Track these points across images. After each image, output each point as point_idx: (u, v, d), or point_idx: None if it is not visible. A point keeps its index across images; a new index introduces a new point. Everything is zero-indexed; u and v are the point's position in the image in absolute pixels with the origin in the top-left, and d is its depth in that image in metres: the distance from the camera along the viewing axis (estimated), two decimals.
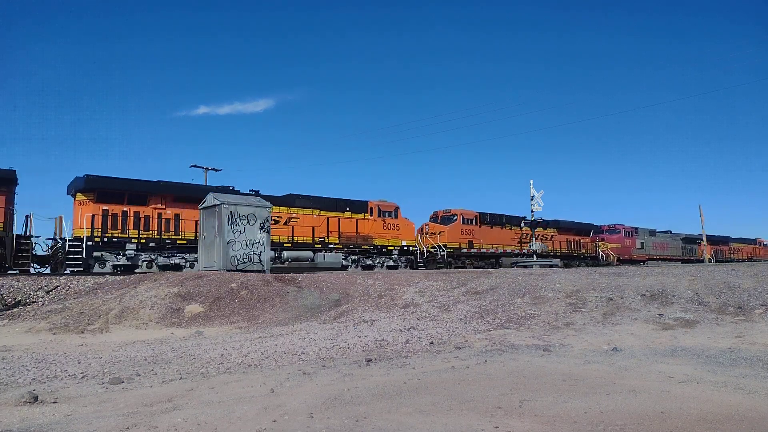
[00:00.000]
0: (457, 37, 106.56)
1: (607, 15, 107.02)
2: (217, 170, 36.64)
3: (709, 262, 43.13)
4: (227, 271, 15.82)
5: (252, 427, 4.24)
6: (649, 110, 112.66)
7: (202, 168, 36.17)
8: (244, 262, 16.73)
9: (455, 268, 26.47)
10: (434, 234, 27.57)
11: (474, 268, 26.60)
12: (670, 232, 45.58)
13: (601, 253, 37.07)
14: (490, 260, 29.98)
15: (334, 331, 9.71)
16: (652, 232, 42.62)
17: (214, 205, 16.94)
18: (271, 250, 18.71)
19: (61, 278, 15.09)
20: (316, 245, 23.35)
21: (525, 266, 28.34)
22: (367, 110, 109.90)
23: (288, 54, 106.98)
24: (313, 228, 23.47)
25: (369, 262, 25.08)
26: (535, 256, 31.25)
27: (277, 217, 22.06)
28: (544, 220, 34.18)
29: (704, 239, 42.86)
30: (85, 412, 4.81)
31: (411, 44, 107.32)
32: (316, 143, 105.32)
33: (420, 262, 26.89)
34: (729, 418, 4.39)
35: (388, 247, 25.88)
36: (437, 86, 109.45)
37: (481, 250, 29.48)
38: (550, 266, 27.67)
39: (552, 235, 34.67)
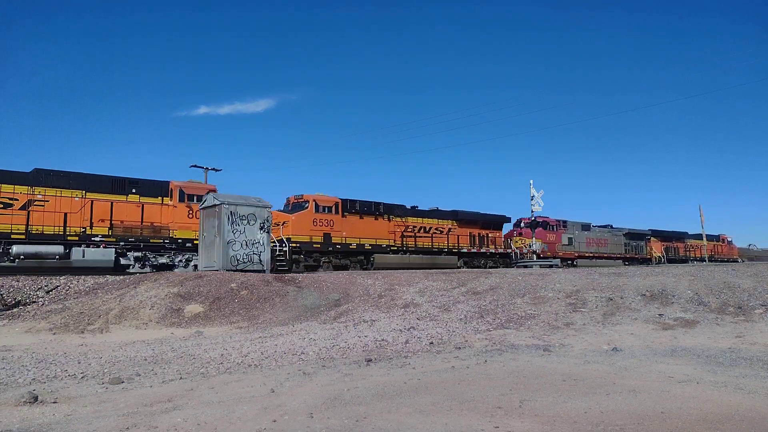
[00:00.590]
0: (457, 37, 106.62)
1: (607, 15, 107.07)
2: (217, 170, 36.65)
3: (658, 262, 40.38)
4: (227, 271, 15.82)
5: (252, 427, 4.24)
6: (649, 110, 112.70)
7: (202, 168, 36.18)
8: (244, 262, 16.73)
9: (307, 267, 22.17)
10: (277, 225, 21.32)
11: (335, 267, 22.83)
12: (611, 226, 40.70)
13: (515, 250, 31.76)
14: (359, 257, 24.48)
15: (334, 331, 9.70)
16: (586, 227, 37.65)
17: (214, 205, 16.94)
18: None
19: (61, 278, 15.09)
20: (70, 237, 18.06)
21: (525, 266, 28.33)
22: (368, 110, 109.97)
23: (288, 54, 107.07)
24: (66, 214, 18.00)
25: (164, 260, 19.81)
26: (532, 256, 31.23)
27: (10, 198, 17.23)
28: (438, 210, 29.12)
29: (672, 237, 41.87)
30: (85, 412, 4.81)
31: (411, 44, 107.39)
32: (317, 143, 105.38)
33: None
34: (729, 418, 4.39)
35: (196, 242, 19.47)
36: (437, 86, 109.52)
37: (347, 245, 23.85)
38: (550, 266, 27.66)
39: (449, 228, 28.67)
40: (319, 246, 23.09)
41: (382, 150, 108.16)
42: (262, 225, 17.32)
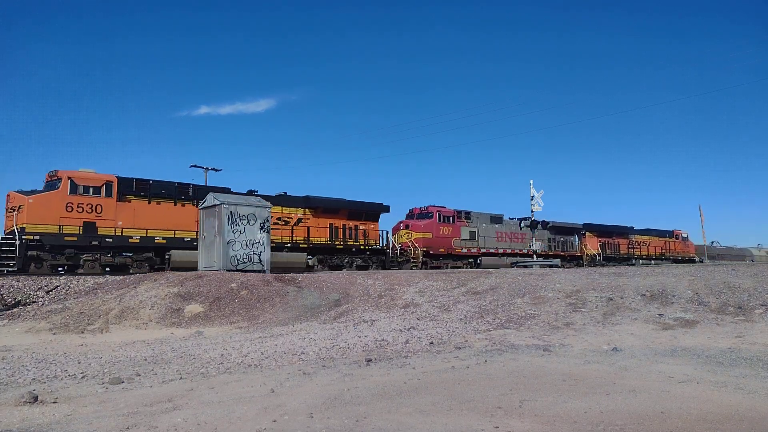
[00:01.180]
0: (457, 37, 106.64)
1: (607, 15, 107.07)
2: (217, 170, 36.66)
3: (593, 261, 35.51)
4: (227, 271, 15.82)
5: (252, 427, 4.24)
6: (649, 110, 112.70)
7: (202, 168, 36.20)
8: (244, 262, 16.73)
9: (54, 266, 17.62)
10: (12, 211, 17.38)
11: (102, 266, 18.37)
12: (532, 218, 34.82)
13: (395, 246, 26.27)
14: (145, 254, 19.47)
15: (334, 331, 9.71)
16: (497, 219, 32.13)
17: (214, 205, 16.94)
18: None
19: (61, 278, 15.10)
20: None
21: (525, 266, 28.31)
22: (368, 110, 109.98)
23: (289, 54, 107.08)
24: None
25: None
26: (535, 256, 31.23)
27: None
28: (284, 196, 23.77)
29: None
30: (85, 412, 4.81)
31: (411, 44, 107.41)
32: (317, 143, 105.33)
33: None
34: (729, 418, 4.39)
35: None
36: (437, 86, 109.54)
37: (125, 239, 18.85)
38: (550, 266, 27.65)
39: (299, 219, 23.51)
40: (74, 239, 17.68)
41: (383, 150, 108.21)
42: (262, 225, 17.33)
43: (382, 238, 26.62)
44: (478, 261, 29.40)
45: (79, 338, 9.85)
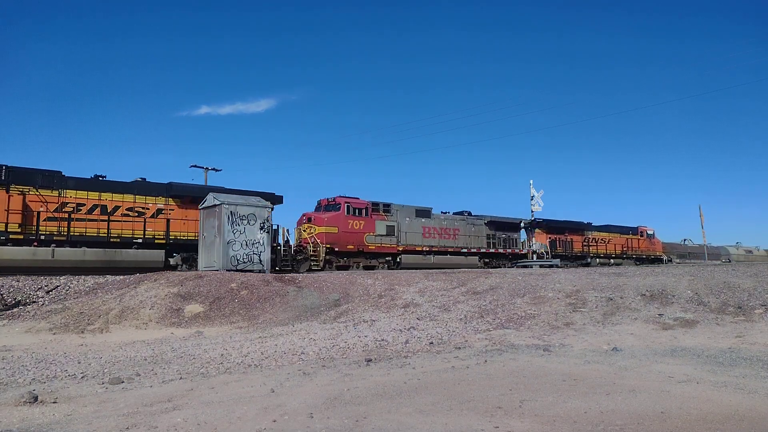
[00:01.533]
0: (458, 37, 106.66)
1: (607, 15, 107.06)
2: (217, 170, 36.66)
3: (541, 260, 31.14)
4: (227, 271, 15.82)
5: (252, 427, 4.24)
6: (649, 110, 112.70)
7: (202, 168, 36.20)
8: (244, 262, 16.73)
9: None
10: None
11: None
12: (469, 213, 30.71)
13: (291, 242, 22.79)
14: None
15: (334, 331, 9.70)
16: (423, 212, 27.99)
17: (214, 205, 16.95)
18: None
19: (61, 278, 15.09)
20: None
21: (525, 266, 28.31)
22: (368, 110, 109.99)
23: (289, 54, 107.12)
24: None
25: None
26: (536, 256, 31.21)
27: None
28: (141, 182, 20.49)
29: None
30: (85, 412, 4.81)
31: (411, 44, 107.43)
32: (317, 143, 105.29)
33: None
34: (729, 418, 4.39)
35: None
36: (438, 86, 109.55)
37: None
38: (550, 266, 27.66)
39: (159, 209, 20.14)
40: None
41: (383, 150, 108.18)
42: (262, 225, 17.33)
43: (275, 234, 23.44)
44: (398, 259, 25.82)
45: (79, 338, 9.85)
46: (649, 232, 43.31)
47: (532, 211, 32.05)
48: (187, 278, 13.74)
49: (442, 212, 29.43)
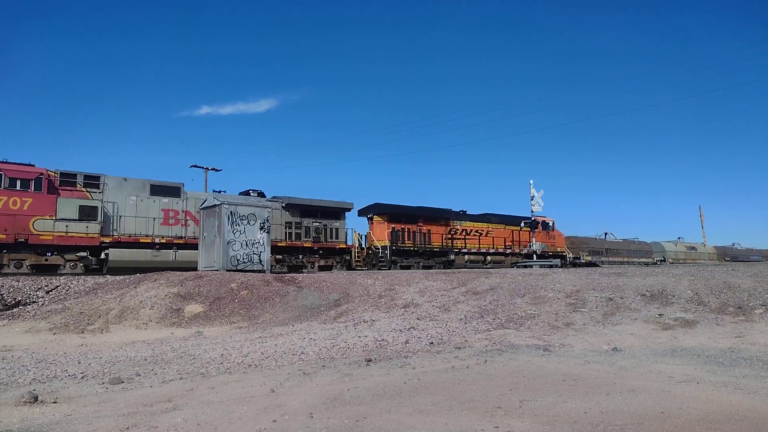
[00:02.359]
0: (459, 37, 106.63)
1: (608, 15, 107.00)
2: (217, 170, 36.64)
3: (374, 257, 26.02)
4: (227, 271, 15.82)
5: (252, 427, 4.24)
6: (649, 110, 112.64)
7: (202, 168, 36.20)
8: (244, 262, 16.74)
9: None
10: None
11: None
12: (261, 192, 23.96)
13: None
14: None
15: (334, 331, 9.70)
16: (165, 189, 20.95)
17: (214, 206, 16.95)
18: None
19: (61, 278, 15.10)
20: None
21: (525, 266, 28.30)
22: (369, 110, 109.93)
23: (290, 54, 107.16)
24: None
25: None
26: (536, 256, 31.21)
27: None
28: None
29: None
30: (85, 412, 4.81)
31: (413, 44, 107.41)
32: (318, 143, 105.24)
33: None
34: (729, 418, 4.39)
35: None
36: (439, 86, 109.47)
37: None
38: (550, 266, 27.66)
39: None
40: None
41: (384, 150, 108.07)
42: (262, 225, 17.33)
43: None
44: (106, 253, 19.01)
45: (79, 338, 9.85)
46: (550, 222, 34.77)
47: (532, 211, 31.89)
48: (187, 278, 13.73)
49: (215, 191, 22.48)
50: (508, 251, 31.98)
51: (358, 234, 26.97)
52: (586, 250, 40.06)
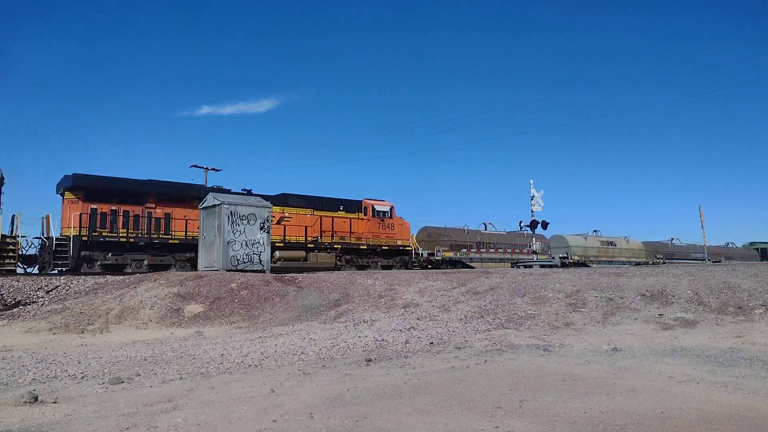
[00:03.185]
0: (459, 37, 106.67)
1: (608, 15, 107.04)
2: (217, 170, 36.64)
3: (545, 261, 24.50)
4: (227, 271, 15.82)
5: (252, 427, 4.24)
6: (650, 110, 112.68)
7: (202, 168, 36.21)
8: (244, 262, 16.73)
9: None
10: None
11: None
12: None
13: None
14: None
15: (334, 331, 9.70)
16: None
17: (214, 205, 16.94)
18: None
19: (61, 278, 15.10)
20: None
21: (527, 266, 28.30)
22: (370, 110, 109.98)
23: (291, 54, 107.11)
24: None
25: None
26: (536, 256, 31.21)
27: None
28: None
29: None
30: (85, 412, 4.81)
31: (413, 44, 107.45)
32: (319, 143, 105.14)
33: None
34: (729, 418, 4.39)
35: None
36: (440, 86, 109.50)
37: None
38: (550, 266, 27.65)
39: None
40: None
41: (385, 150, 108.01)
42: (262, 225, 17.33)
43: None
44: None
45: (79, 338, 9.85)
46: (379, 207, 26.30)
47: (532, 212, 31.85)
48: (187, 278, 13.74)
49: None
50: (317, 244, 23.25)
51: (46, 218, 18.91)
52: (446, 244, 30.44)
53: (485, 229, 35.13)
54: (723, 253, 49.67)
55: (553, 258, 34.07)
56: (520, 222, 33.12)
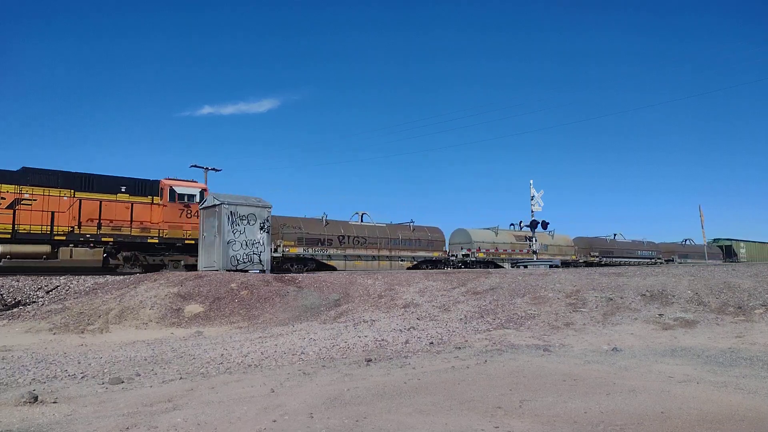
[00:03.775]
0: (459, 37, 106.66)
1: (607, 15, 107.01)
2: (217, 170, 36.61)
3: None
4: (227, 271, 15.81)
5: (252, 427, 4.24)
6: (649, 110, 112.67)
7: (202, 168, 36.18)
8: (244, 262, 16.73)
9: None
10: None
11: None
12: None
13: None
14: None
15: (334, 331, 9.70)
16: None
17: (214, 206, 16.94)
18: None
19: (61, 278, 15.09)
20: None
21: (525, 266, 28.28)
22: (370, 110, 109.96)
23: (292, 54, 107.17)
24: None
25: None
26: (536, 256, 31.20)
27: None
28: None
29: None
30: (85, 412, 4.81)
31: (414, 44, 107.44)
32: (320, 143, 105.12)
33: None
34: (729, 418, 4.39)
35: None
36: (440, 86, 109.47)
37: None
38: (550, 266, 27.64)
39: None
40: None
41: (386, 150, 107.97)
42: (262, 225, 17.32)
43: None
44: None
45: (79, 338, 9.84)
46: (182, 190, 20.54)
47: (532, 212, 31.81)
48: (187, 278, 13.73)
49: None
50: (73, 236, 18.06)
51: None
52: (293, 238, 24.30)
53: (360, 221, 28.30)
54: (678, 251, 43.42)
55: (460, 256, 30.43)
56: (520, 222, 33.14)
